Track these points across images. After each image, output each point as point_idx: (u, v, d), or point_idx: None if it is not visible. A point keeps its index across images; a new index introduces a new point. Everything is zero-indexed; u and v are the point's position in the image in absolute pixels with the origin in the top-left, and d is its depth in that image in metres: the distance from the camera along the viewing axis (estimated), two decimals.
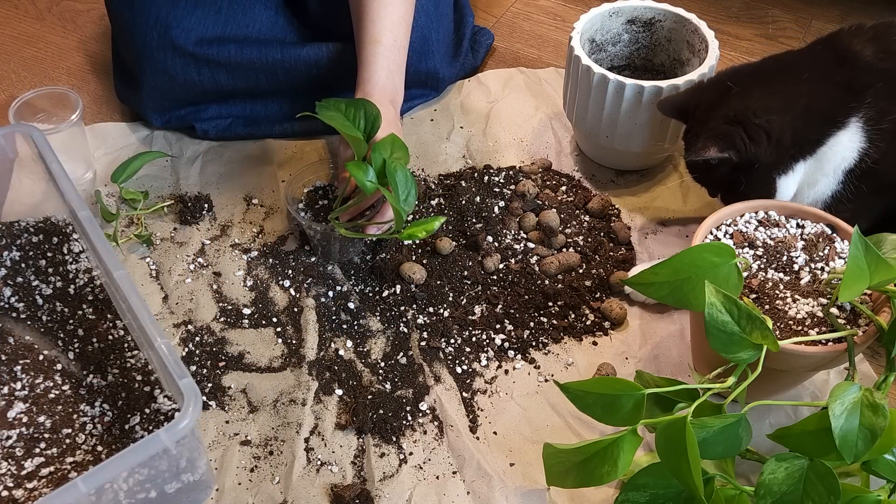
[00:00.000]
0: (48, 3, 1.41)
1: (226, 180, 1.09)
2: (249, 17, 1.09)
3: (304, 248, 1.00)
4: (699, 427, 0.66)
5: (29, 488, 0.72)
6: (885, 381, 0.68)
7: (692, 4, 1.31)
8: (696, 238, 0.81)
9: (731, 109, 0.84)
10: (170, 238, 1.02)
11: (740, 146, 0.82)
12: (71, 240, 0.94)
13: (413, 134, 1.16)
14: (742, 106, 0.83)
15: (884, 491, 0.66)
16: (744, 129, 0.82)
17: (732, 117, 0.83)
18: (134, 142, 1.14)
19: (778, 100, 0.83)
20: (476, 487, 0.79)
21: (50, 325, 0.86)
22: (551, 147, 1.15)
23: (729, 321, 0.67)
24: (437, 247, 0.98)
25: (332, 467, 0.81)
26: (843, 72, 0.83)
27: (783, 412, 0.84)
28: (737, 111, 0.83)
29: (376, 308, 0.94)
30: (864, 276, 0.68)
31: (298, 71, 1.08)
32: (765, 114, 0.82)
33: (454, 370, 0.89)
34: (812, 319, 0.75)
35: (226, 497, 0.79)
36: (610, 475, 0.67)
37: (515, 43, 1.34)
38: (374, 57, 0.97)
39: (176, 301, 0.95)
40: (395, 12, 0.99)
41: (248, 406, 0.86)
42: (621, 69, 1.14)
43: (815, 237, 0.82)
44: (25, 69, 1.27)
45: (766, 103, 0.83)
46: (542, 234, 1.01)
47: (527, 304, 0.94)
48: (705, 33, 1.04)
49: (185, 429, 0.65)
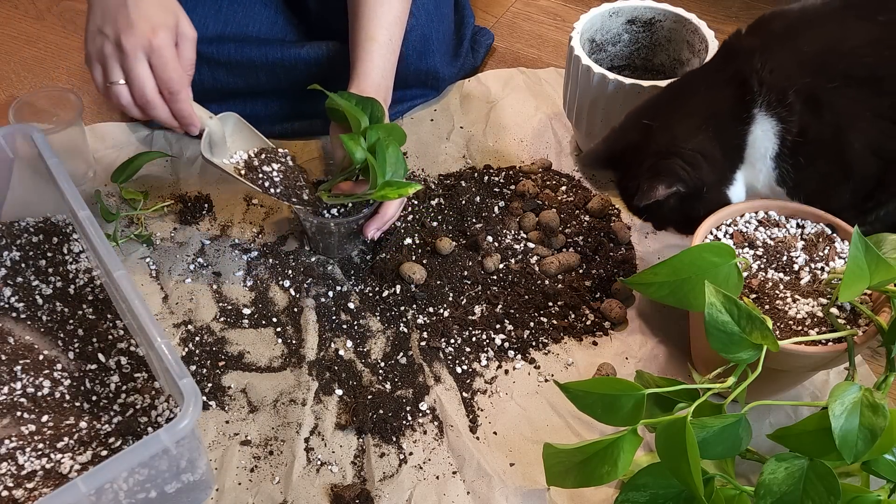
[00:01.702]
0: (48, 3, 1.41)
1: (226, 180, 1.09)
2: (249, 17, 1.09)
3: (305, 248, 1.00)
4: (699, 427, 0.66)
5: (29, 488, 0.72)
6: (885, 381, 0.68)
7: (692, 4, 1.31)
8: (695, 238, 0.81)
9: (659, 144, 0.84)
10: (170, 238, 1.02)
11: (684, 176, 0.82)
12: (71, 240, 0.94)
13: (413, 134, 1.16)
14: (667, 138, 0.83)
15: (884, 491, 0.66)
16: (680, 158, 0.82)
17: (664, 151, 0.83)
18: (134, 142, 1.14)
19: (692, 120, 0.83)
20: (476, 487, 0.79)
21: (50, 325, 0.86)
22: (551, 147, 1.15)
23: (729, 321, 0.67)
24: (437, 247, 0.98)
25: (332, 467, 0.81)
26: (729, 69, 0.83)
27: (783, 412, 0.84)
28: (664, 144, 0.83)
29: (376, 308, 0.94)
30: (864, 276, 0.68)
31: (298, 70, 1.08)
32: (690, 138, 0.83)
33: (454, 370, 0.89)
34: (812, 319, 0.75)
35: (226, 497, 0.79)
36: (610, 475, 0.67)
37: (515, 43, 1.34)
38: (369, 54, 0.97)
39: (176, 301, 0.95)
40: (392, 11, 0.99)
41: (248, 406, 0.86)
42: (621, 69, 1.14)
43: (815, 237, 0.82)
44: (25, 69, 1.27)
45: (686, 127, 0.83)
46: (542, 234, 1.01)
47: (527, 304, 0.94)
48: (705, 33, 1.04)
49: (185, 429, 0.65)
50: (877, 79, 0.78)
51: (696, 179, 0.82)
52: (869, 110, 0.78)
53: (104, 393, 0.80)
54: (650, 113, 0.87)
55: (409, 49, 1.09)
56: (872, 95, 0.78)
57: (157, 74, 0.84)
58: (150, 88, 0.84)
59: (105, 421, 0.78)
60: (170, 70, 0.84)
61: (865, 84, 0.78)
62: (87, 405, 0.79)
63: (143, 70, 0.83)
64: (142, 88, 0.83)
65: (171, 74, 0.84)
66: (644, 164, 0.84)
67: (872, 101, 0.78)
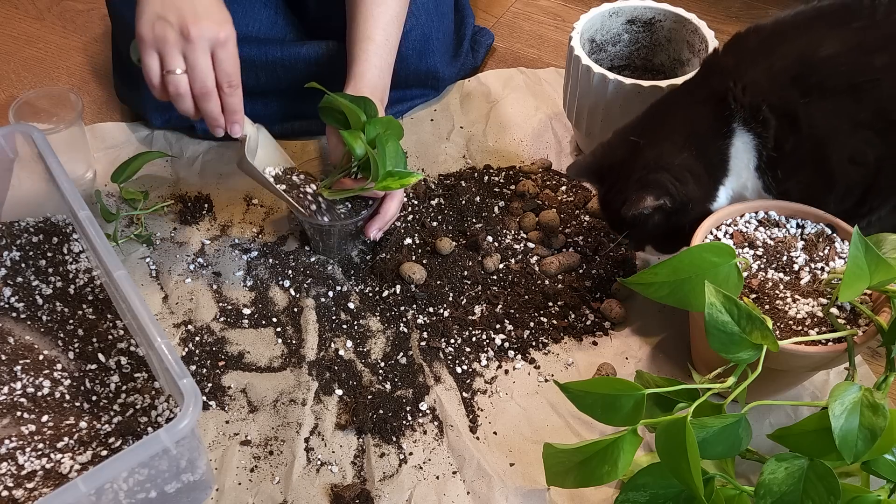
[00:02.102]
0: (48, 3, 1.41)
1: (226, 180, 1.09)
2: (249, 17, 1.09)
3: (304, 248, 1.00)
4: (699, 427, 0.66)
5: (29, 488, 0.72)
6: (885, 381, 0.68)
7: (692, 4, 1.31)
8: (696, 238, 0.81)
9: (647, 160, 0.84)
10: (170, 238, 1.02)
11: (672, 190, 0.82)
12: (71, 240, 0.94)
13: (413, 134, 1.16)
14: (656, 154, 0.84)
15: (884, 491, 0.66)
16: (669, 173, 0.82)
17: (652, 166, 0.84)
18: (134, 142, 1.14)
19: (677, 138, 0.84)
20: (476, 487, 0.79)
21: (50, 325, 0.86)
22: (551, 147, 1.15)
23: (729, 321, 0.67)
24: (437, 247, 0.98)
25: (332, 467, 0.81)
26: (708, 88, 0.84)
27: (783, 412, 0.84)
28: (653, 159, 0.84)
29: (376, 308, 0.94)
30: (864, 276, 0.68)
31: (298, 69, 1.08)
32: (677, 154, 0.83)
33: (454, 370, 0.89)
34: (812, 319, 0.75)
35: (226, 497, 0.79)
36: (610, 475, 0.67)
37: (515, 43, 1.34)
38: (366, 54, 0.97)
39: (176, 301, 0.95)
40: (390, 11, 0.99)
41: (248, 406, 0.86)
42: (621, 69, 1.14)
43: (815, 237, 0.82)
44: (25, 69, 1.27)
45: (672, 144, 0.84)
46: (542, 234, 1.01)
47: (527, 304, 0.94)
48: (705, 33, 1.04)
49: (185, 429, 0.65)
50: (854, 87, 0.77)
51: (683, 195, 0.82)
52: (847, 121, 0.78)
53: (104, 393, 0.80)
54: (637, 131, 0.87)
55: (410, 49, 1.09)
56: (851, 104, 0.77)
57: (220, 67, 0.84)
58: (211, 79, 0.84)
59: (105, 421, 0.78)
60: (233, 64, 0.85)
61: (842, 94, 0.77)
62: (87, 405, 0.79)
63: (206, 61, 0.83)
64: (204, 79, 0.83)
65: (233, 68, 0.85)
66: (631, 178, 0.85)
67: (851, 110, 0.77)
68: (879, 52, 0.77)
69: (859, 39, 0.78)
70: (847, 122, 0.78)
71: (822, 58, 0.78)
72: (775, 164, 0.82)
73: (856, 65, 0.77)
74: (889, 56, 0.76)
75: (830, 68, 0.78)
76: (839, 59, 0.77)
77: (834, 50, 0.78)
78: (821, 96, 0.78)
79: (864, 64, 0.77)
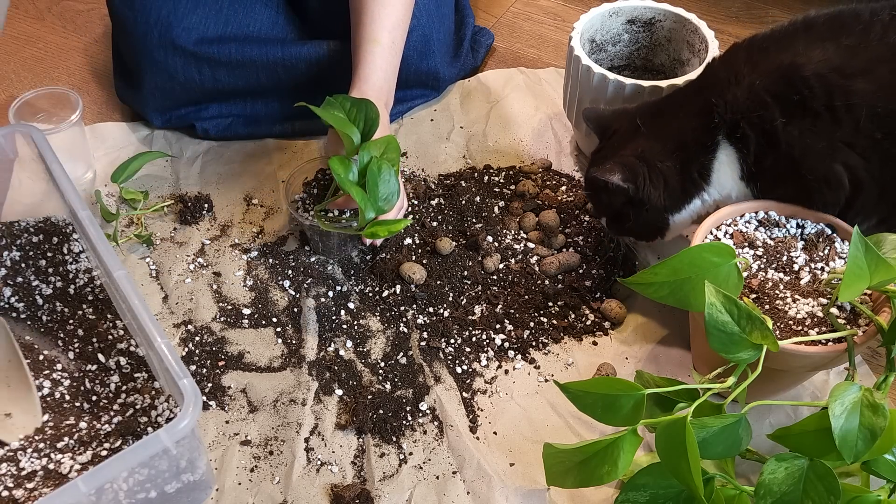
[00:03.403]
0: (48, 3, 1.41)
1: (226, 180, 1.09)
2: (250, 17, 1.09)
3: (304, 248, 1.00)
4: (699, 427, 0.66)
5: (29, 488, 0.72)
6: (885, 381, 0.68)
7: (692, 4, 1.31)
8: (696, 238, 0.81)
9: (640, 147, 0.86)
10: (170, 238, 1.02)
11: (640, 184, 0.85)
12: (71, 240, 0.94)
13: (413, 134, 1.16)
14: (648, 147, 0.86)
15: (884, 491, 0.66)
16: (648, 169, 0.85)
17: (640, 154, 0.86)
18: (134, 142, 1.14)
19: (669, 143, 0.86)
20: (476, 487, 0.79)
21: (50, 325, 0.86)
22: (551, 147, 1.15)
23: (729, 321, 0.67)
24: (437, 247, 0.98)
25: (332, 467, 0.81)
26: (701, 99, 0.85)
27: (783, 412, 0.84)
28: (644, 150, 0.86)
29: (376, 308, 0.94)
30: (864, 276, 0.68)
31: (299, 69, 1.08)
32: (664, 159, 0.85)
33: (454, 370, 0.89)
34: (812, 319, 0.75)
35: (226, 497, 0.79)
36: (610, 475, 0.67)
37: (515, 43, 1.34)
38: (371, 56, 0.97)
39: (176, 301, 0.95)
40: (395, 13, 0.99)
41: (248, 406, 0.86)
42: (621, 69, 1.14)
43: (815, 237, 0.82)
44: (25, 69, 1.27)
45: (664, 147, 0.86)
46: (542, 234, 1.01)
47: (527, 304, 0.94)
48: (705, 33, 1.04)
49: (185, 429, 0.65)
50: (832, 109, 0.77)
51: (645, 195, 0.85)
52: (825, 140, 0.78)
53: (104, 393, 0.80)
54: (644, 118, 0.89)
55: (410, 49, 1.09)
56: (830, 125, 0.77)
57: None
58: None
59: (105, 421, 0.77)
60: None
61: (821, 113, 0.77)
62: (87, 405, 0.79)
63: None
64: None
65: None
66: (620, 152, 0.87)
67: (829, 129, 0.77)
68: (862, 75, 0.76)
69: (844, 59, 0.77)
70: (825, 142, 0.78)
71: (805, 75, 0.77)
72: (756, 179, 0.83)
73: (833, 87, 0.77)
74: (869, 82, 0.76)
75: (809, 89, 0.77)
76: (819, 80, 0.77)
77: (817, 68, 0.77)
78: (800, 115, 0.78)
79: (841, 86, 0.76)
